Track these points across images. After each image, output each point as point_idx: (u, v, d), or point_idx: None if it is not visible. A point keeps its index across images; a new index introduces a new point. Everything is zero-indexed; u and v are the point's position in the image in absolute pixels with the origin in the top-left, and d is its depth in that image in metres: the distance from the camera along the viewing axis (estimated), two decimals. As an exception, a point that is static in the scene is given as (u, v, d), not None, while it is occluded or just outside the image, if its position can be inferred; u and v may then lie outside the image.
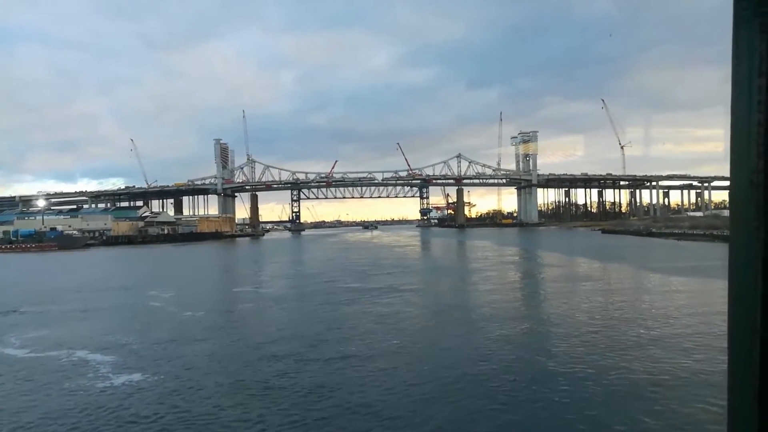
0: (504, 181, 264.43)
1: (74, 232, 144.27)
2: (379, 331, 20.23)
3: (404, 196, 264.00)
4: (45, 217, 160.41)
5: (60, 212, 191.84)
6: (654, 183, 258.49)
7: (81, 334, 21.23)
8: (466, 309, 24.90)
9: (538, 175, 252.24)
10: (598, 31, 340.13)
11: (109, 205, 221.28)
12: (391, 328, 20.68)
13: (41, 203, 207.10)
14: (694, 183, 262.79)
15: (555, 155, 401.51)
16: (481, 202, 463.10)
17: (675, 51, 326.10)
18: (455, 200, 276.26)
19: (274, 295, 32.46)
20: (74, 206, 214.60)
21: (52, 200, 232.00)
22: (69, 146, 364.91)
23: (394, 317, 23.04)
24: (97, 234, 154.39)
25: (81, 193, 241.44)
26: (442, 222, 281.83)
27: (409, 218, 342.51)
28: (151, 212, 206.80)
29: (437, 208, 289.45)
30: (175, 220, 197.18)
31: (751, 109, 1.65)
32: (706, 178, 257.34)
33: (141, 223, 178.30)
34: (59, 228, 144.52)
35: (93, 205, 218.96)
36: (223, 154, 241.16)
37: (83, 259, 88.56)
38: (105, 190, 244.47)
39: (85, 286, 40.68)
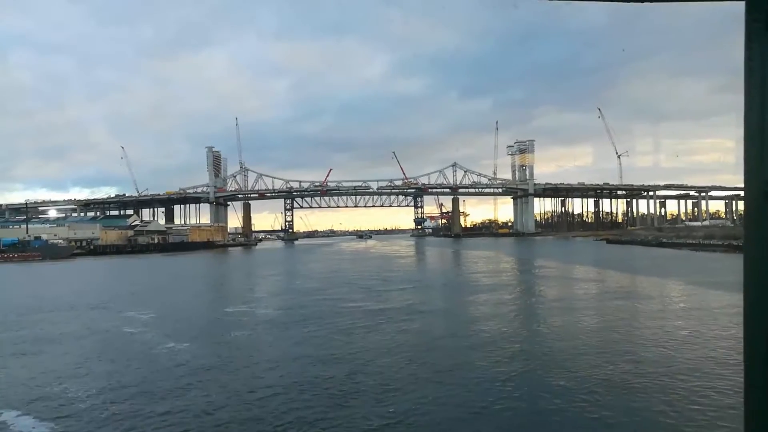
0: (500, 190, 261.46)
1: (60, 241, 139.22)
2: (420, 378, 15.13)
3: (398, 206, 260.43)
4: (30, 225, 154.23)
5: (46, 221, 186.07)
6: (651, 193, 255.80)
7: (21, 379, 16.09)
8: (515, 341, 19.99)
9: (535, 184, 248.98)
10: (592, 40, 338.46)
11: (98, 213, 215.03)
12: (435, 373, 15.60)
13: (52, 213, 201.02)
14: (691, 193, 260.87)
15: (550, 165, 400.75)
16: (475, 211, 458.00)
17: (668, 60, 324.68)
18: (448, 210, 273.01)
19: (273, 317, 27.35)
20: (63, 215, 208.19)
21: (40, 209, 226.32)
22: (59, 154, 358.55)
23: (431, 355, 17.98)
24: (84, 243, 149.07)
25: (69, 202, 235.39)
26: (437, 231, 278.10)
27: (401, 228, 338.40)
28: (141, 221, 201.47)
29: (431, 218, 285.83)
30: (165, 229, 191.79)
31: (764, 121, 1.69)
32: (704, 188, 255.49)
33: (130, 232, 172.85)
34: (44, 237, 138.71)
35: (82, 214, 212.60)
36: (216, 162, 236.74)
37: (66, 270, 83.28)
38: (94, 199, 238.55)
39: (55, 304, 35.49)
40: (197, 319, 27.73)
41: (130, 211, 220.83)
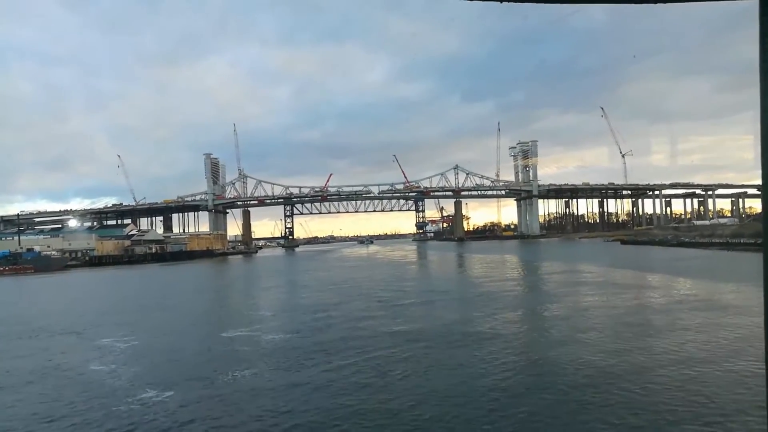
0: (503, 192, 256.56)
1: (53, 252, 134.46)
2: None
3: (399, 210, 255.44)
4: (23, 237, 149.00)
5: (41, 232, 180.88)
6: (657, 192, 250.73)
7: None
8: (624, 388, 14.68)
9: (539, 185, 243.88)
10: (593, 41, 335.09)
11: (95, 223, 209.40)
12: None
13: (73, 223, 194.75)
14: (698, 191, 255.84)
15: (551, 167, 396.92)
16: (476, 215, 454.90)
17: (670, 60, 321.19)
18: (449, 213, 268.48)
19: (282, 346, 21.90)
20: (59, 226, 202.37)
21: (36, 220, 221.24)
22: (60, 165, 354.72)
23: (518, 413, 12.73)
24: (79, 254, 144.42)
25: (65, 212, 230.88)
26: (439, 235, 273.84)
27: (402, 232, 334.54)
28: (139, 230, 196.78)
29: (432, 222, 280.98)
30: (163, 238, 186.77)
31: None
32: (710, 186, 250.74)
33: (127, 242, 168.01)
34: (37, 249, 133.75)
35: (78, 224, 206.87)
36: (214, 169, 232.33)
37: (56, 284, 78.04)
38: (90, 209, 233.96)
39: (25, 328, 30.27)
40: (188, 349, 22.32)
41: (127, 221, 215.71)
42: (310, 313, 31.43)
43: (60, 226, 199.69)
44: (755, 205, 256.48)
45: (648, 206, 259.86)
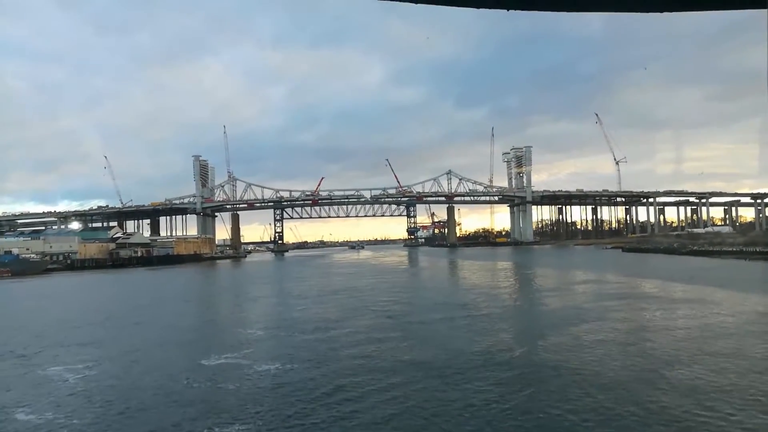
0: (497, 198, 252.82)
1: (32, 255, 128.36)
2: None
3: (391, 215, 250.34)
4: (1, 239, 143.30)
5: (21, 234, 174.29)
6: (651, 199, 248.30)
7: None
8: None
9: (532, 192, 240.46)
10: (588, 48, 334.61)
11: (80, 226, 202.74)
12: None
13: (74, 225, 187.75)
14: (691, 199, 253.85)
15: (545, 173, 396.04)
16: (467, 221, 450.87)
17: (662, 70, 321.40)
18: (440, 219, 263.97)
19: (278, 382, 16.86)
20: (43, 228, 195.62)
21: (18, 222, 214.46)
22: (50, 165, 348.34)
23: None
24: (61, 258, 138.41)
25: (49, 214, 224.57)
26: (431, 241, 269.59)
27: (392, 238, 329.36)
28: (124, 233, 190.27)
29: (423, 227, 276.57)
30: (150, 241, 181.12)
31: None
32: (703, 194, 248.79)
33: (112, 245, 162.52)
34: (15, 251, 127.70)
35: (63, 226, 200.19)
36: (203, 172, 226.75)
37: (30, 288, 72.89)
38: (75, 211, 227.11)
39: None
40: (157, 385, 17.18)
41: (113, 223, 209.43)
42: (309, 332, 26.49)
43: (44, 228, 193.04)
44: (746, 214, 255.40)
45: (641, 214, 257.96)
